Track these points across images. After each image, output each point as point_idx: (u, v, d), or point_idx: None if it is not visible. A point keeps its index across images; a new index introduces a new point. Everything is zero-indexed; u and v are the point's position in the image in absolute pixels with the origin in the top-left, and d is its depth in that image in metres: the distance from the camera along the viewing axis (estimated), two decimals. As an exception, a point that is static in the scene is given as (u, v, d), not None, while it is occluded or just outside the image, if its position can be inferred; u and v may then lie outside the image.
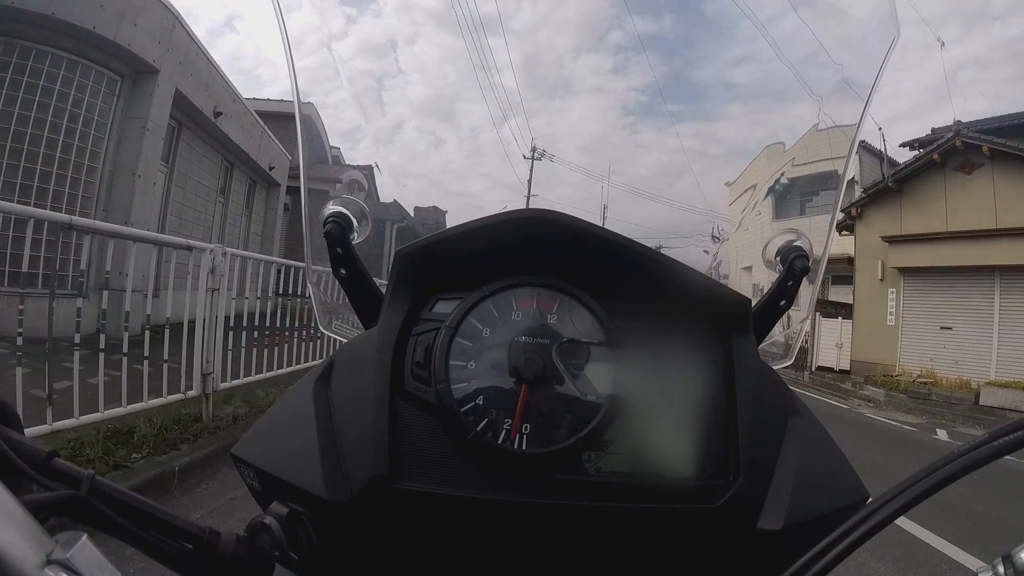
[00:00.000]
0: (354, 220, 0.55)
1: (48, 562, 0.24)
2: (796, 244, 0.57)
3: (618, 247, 0.49)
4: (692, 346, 0.49)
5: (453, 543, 0.45)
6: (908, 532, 3.49)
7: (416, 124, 1.00)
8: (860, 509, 0.40)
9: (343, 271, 0.55)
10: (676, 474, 0.45)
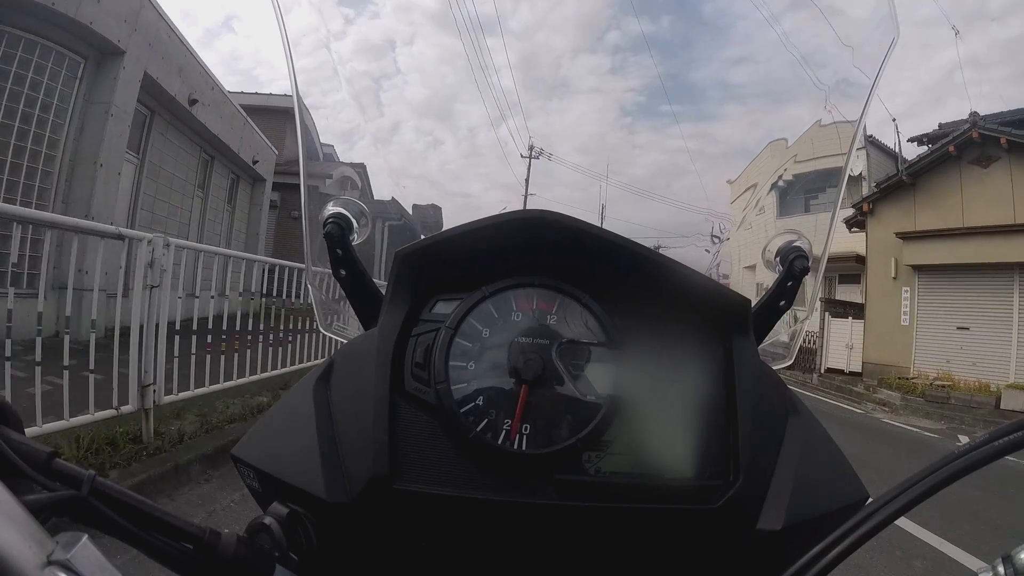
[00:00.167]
0: (354, 221, 0.57)
1: (48, 562, 0.25)
2: (796, 244, 0.59)
3: (618, 247, 0.50)
4: (692, 346, 0.50)
5: (453, 544, 0.46)
6: (908, 532, 3.49)
7: (414, 124, 1.00)
8: (860, 509, 0.43)
9: (343, 272, 0.57)
10: (676, 474, 0.47)
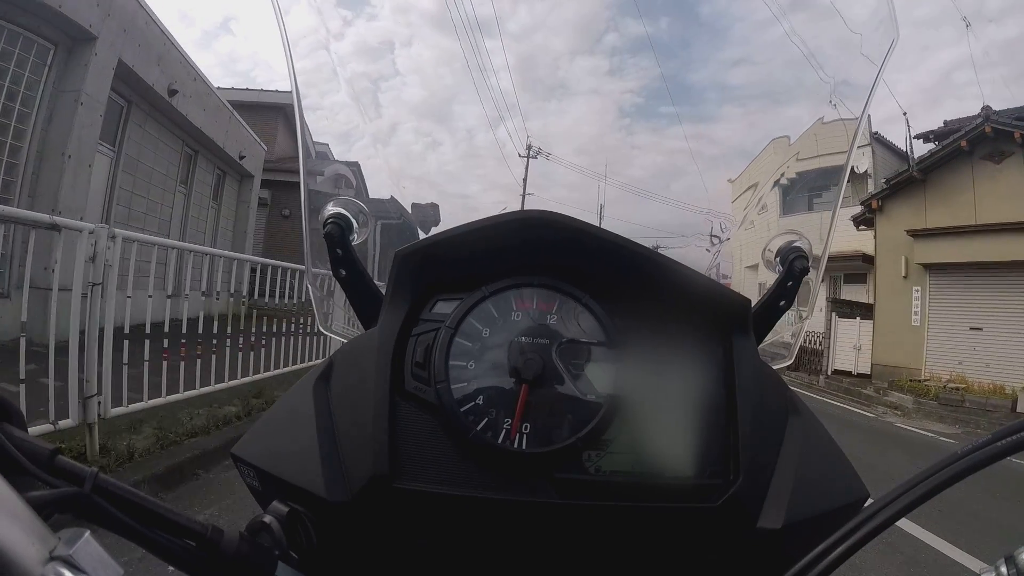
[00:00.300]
0: (354, 221, 0.58)
1: (51, 558, 0.25)
2: (796, 245, 0.60)
3: (617, 247, 0.51)
4: (692, 346, 0.51)
5: (453, 543, 0.47)
6: (910, 534, 3.49)
7: (412, 125, 0.98)
8: (860, 508, 0.45)
9: (343, 272, 0.58)
10: (676, 473, 0.47)
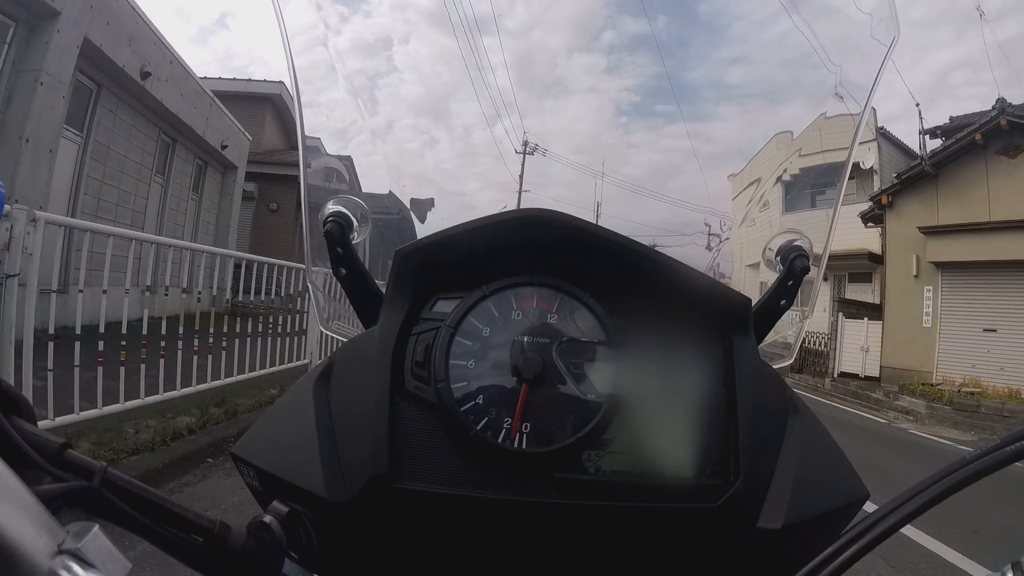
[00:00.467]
0: (354, 220, 0.59)
1: (59, 551, 0.26)
2: (796, 244, 0.61)
3: (617, 246, 0.52)
4: (692, 345, 0.52)
5: (453, 542, 0.48)
6: (914, 541, 3.50)
7: (408, 123, 0.97)
8: (860, 508, 0.47)
9: (343, 270, 0.58)
10: (676, 473, 0.48)
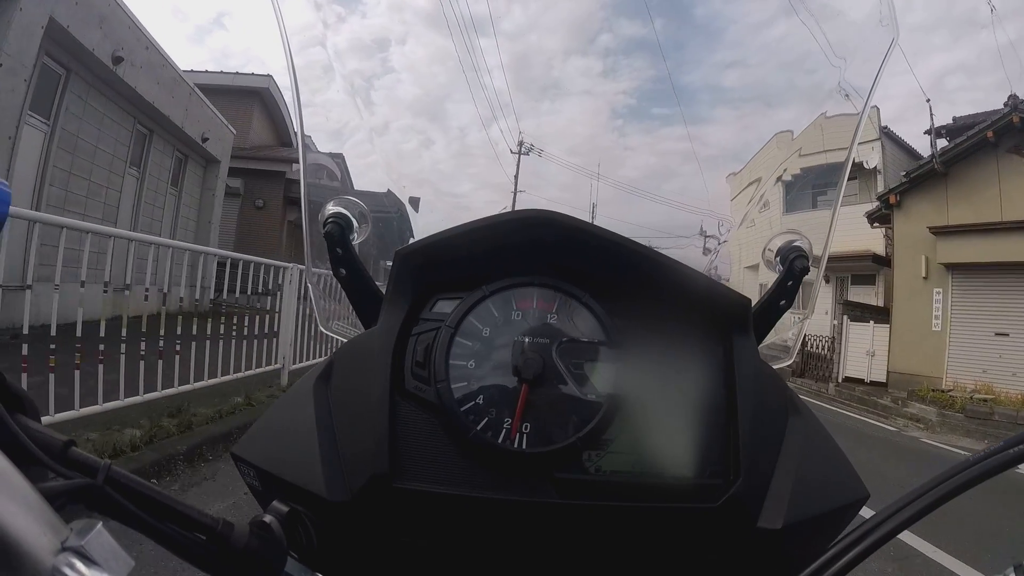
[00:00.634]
0: (354, 220, 0.60)
1: (63, 549, 0.26)
2: (796, 244, 0.62)
3: (617, 247, 0.53)
4: (692, 345, 0.53)
5: (453, 542, 0.49)
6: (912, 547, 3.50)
7: (404, 123, 0.99)
8: (860, 508, 0.48)
9: (343, 271, 0.59)
10: (676, 473, 0.49)
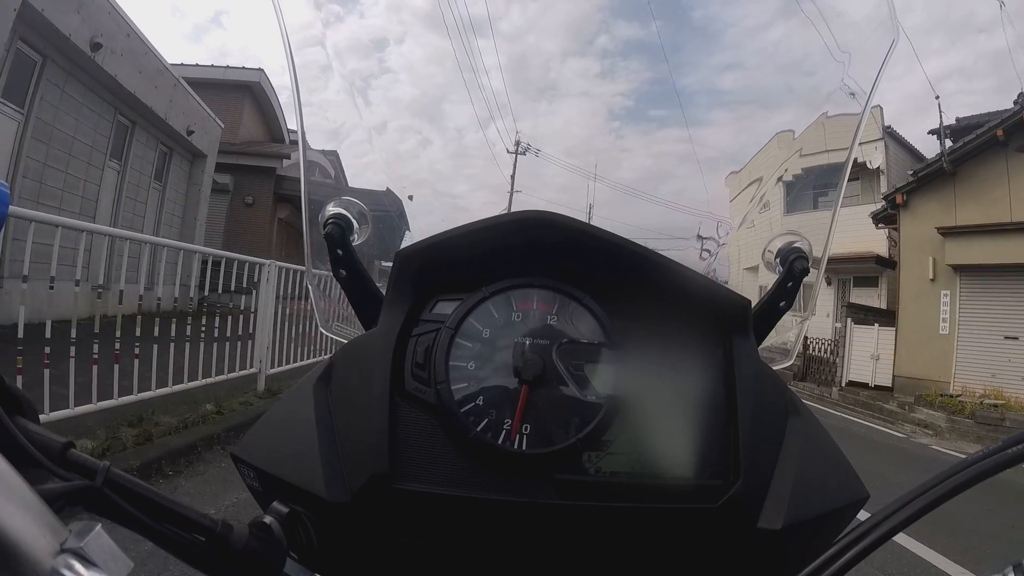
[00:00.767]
0: (354, 222, 0.60)
1: (62, 550, 0.26)
2: (796, 246, 0.63)
3: (617, 248, 0.54)
4: (692, 347, 0.53)
5: (453, 543, 0.49)
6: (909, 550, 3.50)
7: (402, 124, 0.99)
8: (860, 509, 0.48)
9: (343, 272, 0.60)
10: (676, 474, 0.50)
